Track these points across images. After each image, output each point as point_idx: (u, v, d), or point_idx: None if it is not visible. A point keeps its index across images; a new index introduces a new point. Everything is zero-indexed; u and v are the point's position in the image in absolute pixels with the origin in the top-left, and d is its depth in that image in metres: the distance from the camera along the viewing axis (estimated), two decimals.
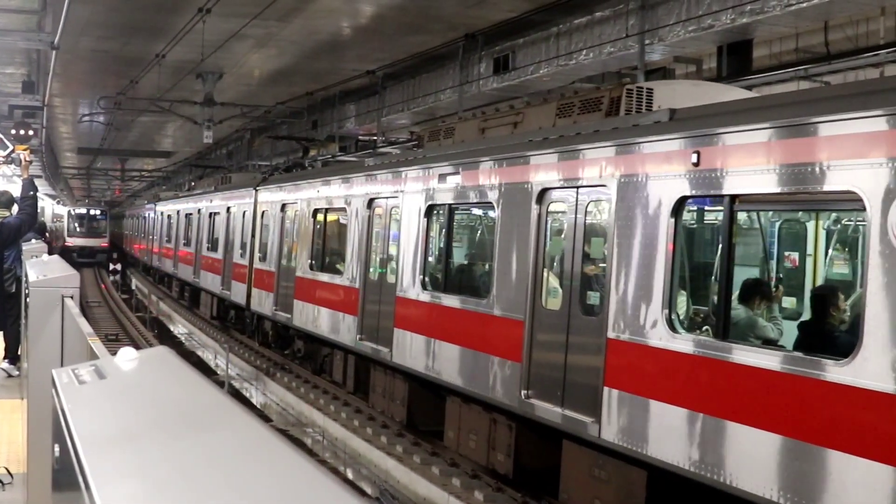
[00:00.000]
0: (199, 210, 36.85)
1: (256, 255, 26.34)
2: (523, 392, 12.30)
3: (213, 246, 33.20)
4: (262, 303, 25.34)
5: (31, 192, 10.90)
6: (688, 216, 10.46)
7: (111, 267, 62.31)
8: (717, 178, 9.43)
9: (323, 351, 22.00)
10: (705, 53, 19.55)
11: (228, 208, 30.98)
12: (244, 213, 28.44)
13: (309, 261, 21.67)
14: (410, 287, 16.25)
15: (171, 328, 37.64)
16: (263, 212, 26.30)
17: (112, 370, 3.14)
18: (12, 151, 14.04)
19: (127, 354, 3.24)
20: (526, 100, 17.95)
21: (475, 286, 15.32)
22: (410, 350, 16.08)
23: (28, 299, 8.48)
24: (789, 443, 8.39)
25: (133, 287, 53.45)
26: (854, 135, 8.12)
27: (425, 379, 15.71)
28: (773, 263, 11.19)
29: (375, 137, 29.01)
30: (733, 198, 9.40)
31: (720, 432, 9.15)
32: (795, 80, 16.72)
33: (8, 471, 9.07)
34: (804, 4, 13.91)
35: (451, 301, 15.05)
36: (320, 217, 21.59)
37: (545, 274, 12.59)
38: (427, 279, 16.08)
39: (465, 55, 22.98)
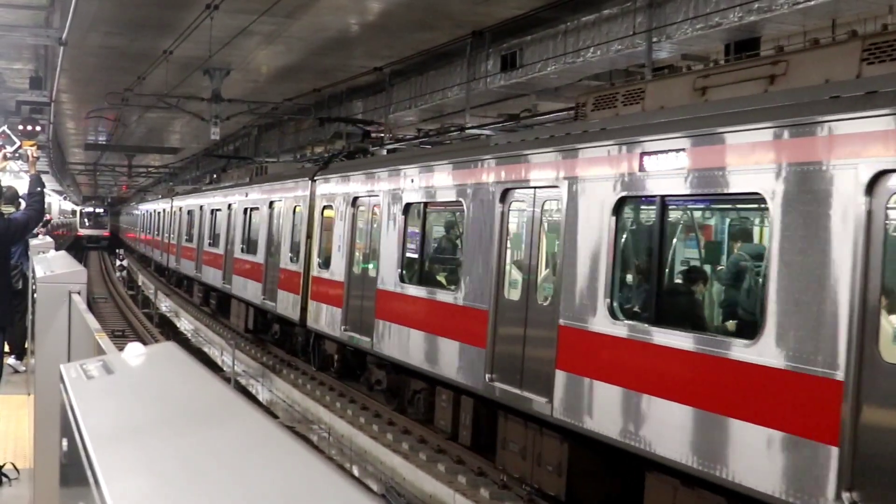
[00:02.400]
0: (229, 205, 32.22)
1: (315, 260, 21.98)
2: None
3: (250, 247, 28.56)
4: (325, 320, 20.96)
5: (39, 189, 10.90)
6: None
7: (117, 263, 68.34)
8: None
9: (413, 385, 17.71)
10: (713, 51, 19.52)
11: (271, 203, 26.40)
12: (294, 208, 24.10)
13: (398, 270, 17.16)
14: (589, 314, 11.59)
15: (177, 324, 37.67)
16: (325, 207, 21.82)
17: (120, 365, 3.14)
18: (19, 147, 14.03)
19: (135, 350, 3.24)
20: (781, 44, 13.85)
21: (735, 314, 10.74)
22: (595, 405, 11.38)
23: (35, 295, 8.50)
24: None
25: (143, 290, 53.64)
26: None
27: (617, 447, 11.09)
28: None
29: (383, 134, 29.00)
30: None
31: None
32: None
33: (14, 466, 9.09)
34: (812, 2, 13.89)
35: (677, 340, 10.22)
36: (416, 214, 17.37)
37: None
38: (637, 304, 11.49)
39: (472, 52, 22.97)
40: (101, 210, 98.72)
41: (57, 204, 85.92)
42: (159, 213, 52.68)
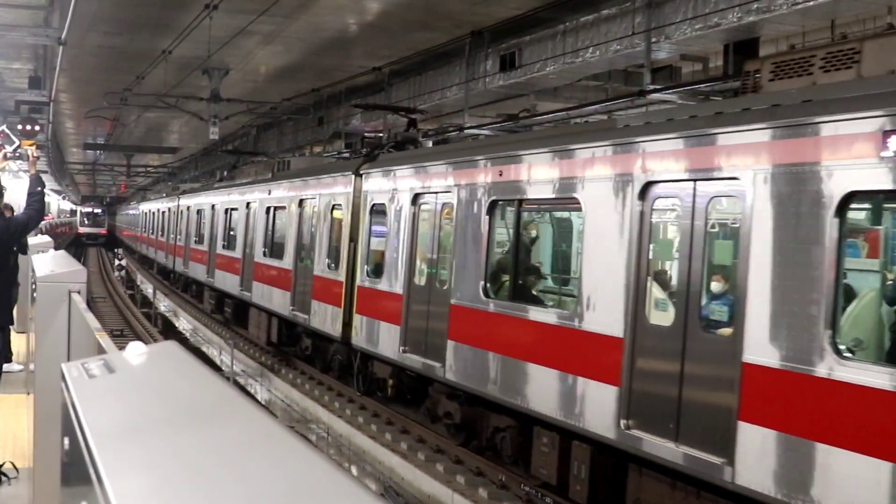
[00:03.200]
0: (247, 204, 29.00)
1: (363, 267, 18.91)
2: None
3: (275, 251, 25.69)
4: (376, 338, 17.93)
5: (39, 188, 10.91)
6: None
7: (116, 263, 69.15)
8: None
9: (495, 421, 14.55)
10: (711, 52, 19.53)
11: (301, 201, 23.40)
12: (332, 207, 21.14)
13: (481, 283, 14.40)
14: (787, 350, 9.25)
15: (176, 323, 37.67)
16: (374, 205, 18.77)
17: (121, 364, 3.15)
18: (19, 147, 14.05)
19: (136, 349, 3.25)
20: None
21: None
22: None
23: (35, 294, 8.50)
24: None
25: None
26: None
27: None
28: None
29: (381, 134, 29.00)
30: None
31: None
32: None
33: (14, 465, 9.09)
34: (811, 3, 13.89)
35: None
36: (506, 214, 14.65)
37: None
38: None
39: (471, 52, 22.97)
40: (99, 210, 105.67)
41: (56, 203, 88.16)
42: (163, 212, 49.67)
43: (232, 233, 31.22)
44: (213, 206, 34.85)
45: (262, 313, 26.15)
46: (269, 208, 26.49)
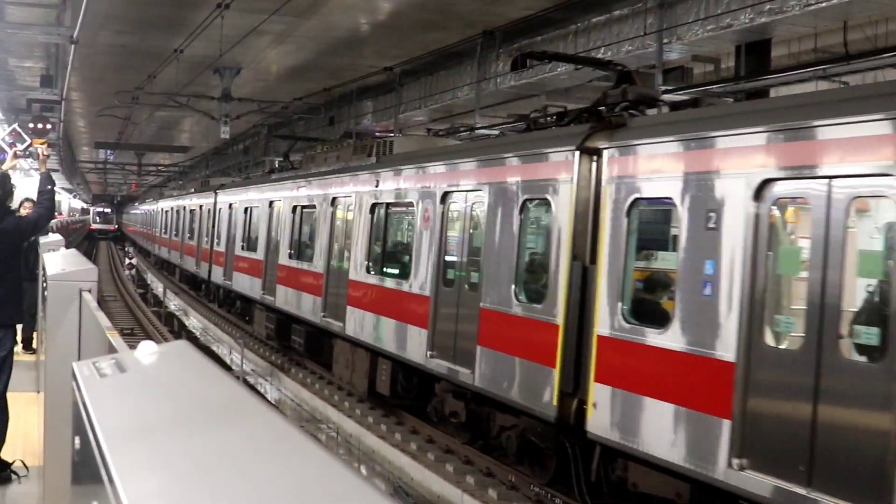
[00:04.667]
0: (333, 200, 21.82)
1: (613, 306, 11.44)
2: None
3: (393, 268, 18.79)
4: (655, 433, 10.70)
5: (49, 187, 10.90)
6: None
7: (127, 261, 69.00)
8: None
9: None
10: (723, 52, 19.50)
11: (445, 195, 15.99)
12: (522, 203, 13.61)
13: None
14: None
15: (186, 322, 37.72)
16: (634, 201, 11.43)
17: (132, 364, 3.15)
18: (30, 145, 14.05)
19: (147, 348, 3.24)
20: None
21: None
22: None
23: (46, 293, 8.51)
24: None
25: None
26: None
27: None
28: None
29: (392, 134, 29.01)
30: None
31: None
32: (814, 80, 16.66)
33: (24, 463, 9.11)
34: (823, 4, 13.86)
35: None
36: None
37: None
38: None
39: (482, 52, 22.97)
40: (109, 210, 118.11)
41: (67, 202, 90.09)
42: (192, 210, 42.50)
43: (305, 239, 24.35)
44: (270, 202, 27.44)
45: (365, 352, 18.92)
46: (374, 206, 19.18)
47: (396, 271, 18.40)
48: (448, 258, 15.84)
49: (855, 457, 8.21)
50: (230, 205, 33.22)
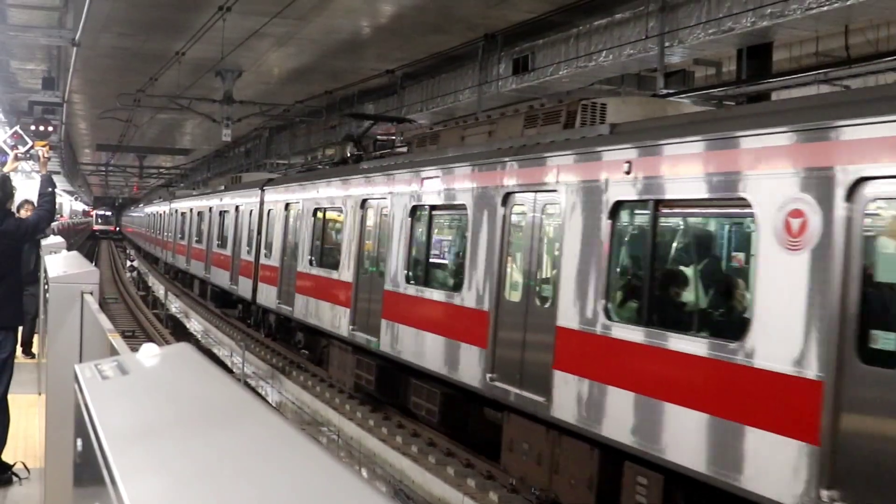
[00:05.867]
0: (489, 194, 14.31)
1: None
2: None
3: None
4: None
5: (50, 189, 10.91)
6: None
7: (128, 264, 70.60)
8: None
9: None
10: (725, 56, 19.52)
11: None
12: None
13: None
14: None
15: (187, 325, 37.73)
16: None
17: (134, 366, 3.15)
18: (31, 147, 14.09)
19: (149, 351, 3.25)
20: None
21: None
22: None
23: (47, 295, 8.51)
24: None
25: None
26: None
27: None
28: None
29: (394, 137, 29.02)
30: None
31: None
32: (815, 83, 16.68)
33: (25, 465, 9.11)
34: (825, 8, 13.87)
35: None
36: None
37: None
38: None
39: (484, 55, 22.99)
40: (109, 213, 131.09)
41: (68, 204, 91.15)
42: (224, 212, 35.06)
43: (445, 254, 17.17)
44: (363, 201, 19.70)
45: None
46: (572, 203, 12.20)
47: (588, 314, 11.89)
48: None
49: None
50: (286, 205, 25.83)
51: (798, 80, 16.94)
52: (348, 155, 24.89)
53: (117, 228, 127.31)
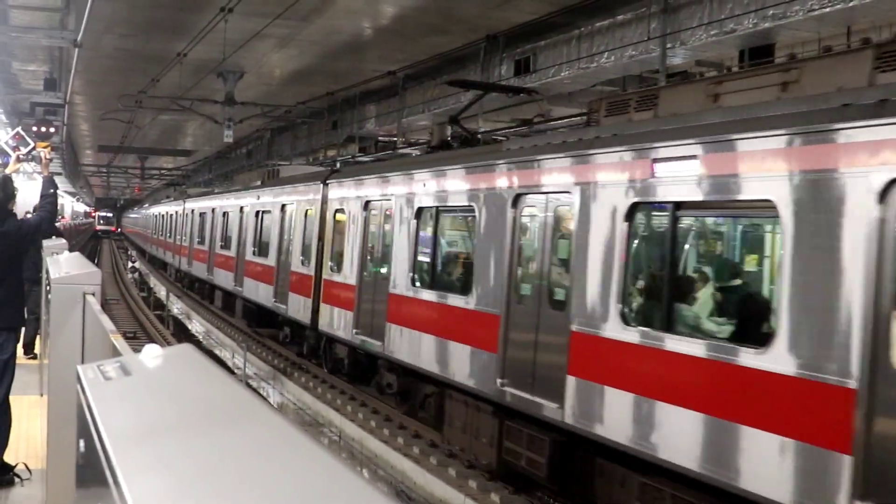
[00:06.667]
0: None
1: None
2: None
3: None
4: None
5: (52, 190, 10.91)
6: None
7: (129, 265, 70.57)
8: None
9: None
10: (727, 57, 19.50)
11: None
12: None
13: None
14: None
15: (189, 326, 37.73)
16: None
17: (137, 367, 3.15)
18: (33, 148, 14.10)
19: (152, 351, 3.24)
20: None
21: None
22: None
23: (50, 296, 8.51)
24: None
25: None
26: None
27: None
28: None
29: (396, 139, 29.04)
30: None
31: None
32: None
33: (27, 466, 9.11)
34: (827, 9, 13.87)
35: None
36: None
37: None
38: None
39: (486, 57, 22.98)
40: (110, 214, 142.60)
41: (70, 206, 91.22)
42: (262, 213, 29.59)
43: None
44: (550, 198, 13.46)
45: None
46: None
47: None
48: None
49: None
50: (366, 203, 19.69)
51: None
52: (448, 138, 19.49)
53: (118, 229, 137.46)
